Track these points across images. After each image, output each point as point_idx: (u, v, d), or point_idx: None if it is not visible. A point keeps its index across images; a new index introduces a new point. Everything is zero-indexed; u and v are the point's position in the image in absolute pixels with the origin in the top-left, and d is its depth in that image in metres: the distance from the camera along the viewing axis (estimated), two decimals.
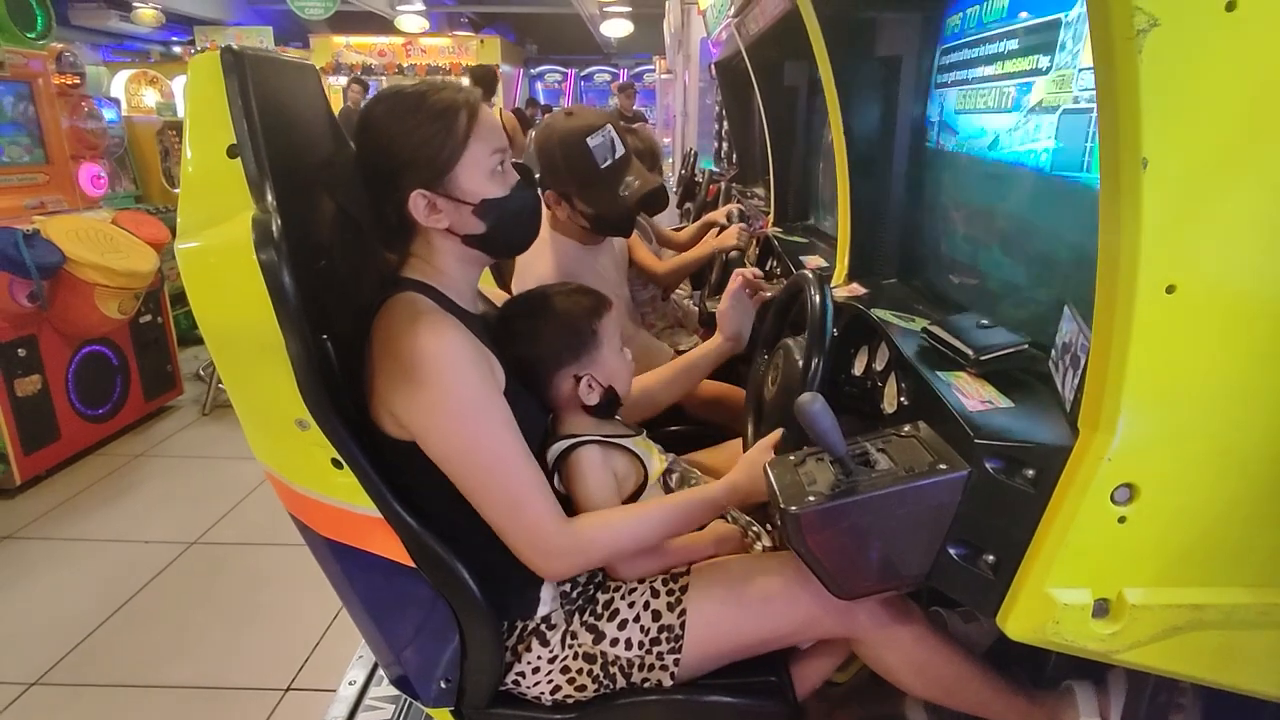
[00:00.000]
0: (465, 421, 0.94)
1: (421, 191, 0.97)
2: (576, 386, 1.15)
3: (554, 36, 14.26)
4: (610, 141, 1.62)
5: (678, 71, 6.84)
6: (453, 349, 0.93)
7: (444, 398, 0.93)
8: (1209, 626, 0.71)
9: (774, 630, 1.05)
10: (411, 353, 0.92)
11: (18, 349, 2.80)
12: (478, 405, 0.95)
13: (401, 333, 0.93)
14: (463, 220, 1.00)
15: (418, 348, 0.91)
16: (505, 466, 0.96)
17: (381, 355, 0.95)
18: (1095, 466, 0.67)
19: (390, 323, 0.96)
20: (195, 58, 0.93)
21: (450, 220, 0.99)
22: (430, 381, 0.92)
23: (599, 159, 1.60)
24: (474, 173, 0.98)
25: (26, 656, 1.97)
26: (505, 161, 1.02)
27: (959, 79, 1.30)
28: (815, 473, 0.85)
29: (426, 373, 0.91)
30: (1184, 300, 0.63)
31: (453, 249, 1.03)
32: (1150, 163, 0.59)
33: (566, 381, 1.15)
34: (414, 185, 0.96)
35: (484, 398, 0.95)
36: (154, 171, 4.62)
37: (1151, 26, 0.57)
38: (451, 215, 0.99)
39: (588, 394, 1.15)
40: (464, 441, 0.95)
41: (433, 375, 0.92)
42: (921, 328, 1.05)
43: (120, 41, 11.32)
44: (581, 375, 1.15)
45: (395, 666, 1.12)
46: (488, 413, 0.95)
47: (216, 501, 2.78)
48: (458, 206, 0.98)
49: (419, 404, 0.93)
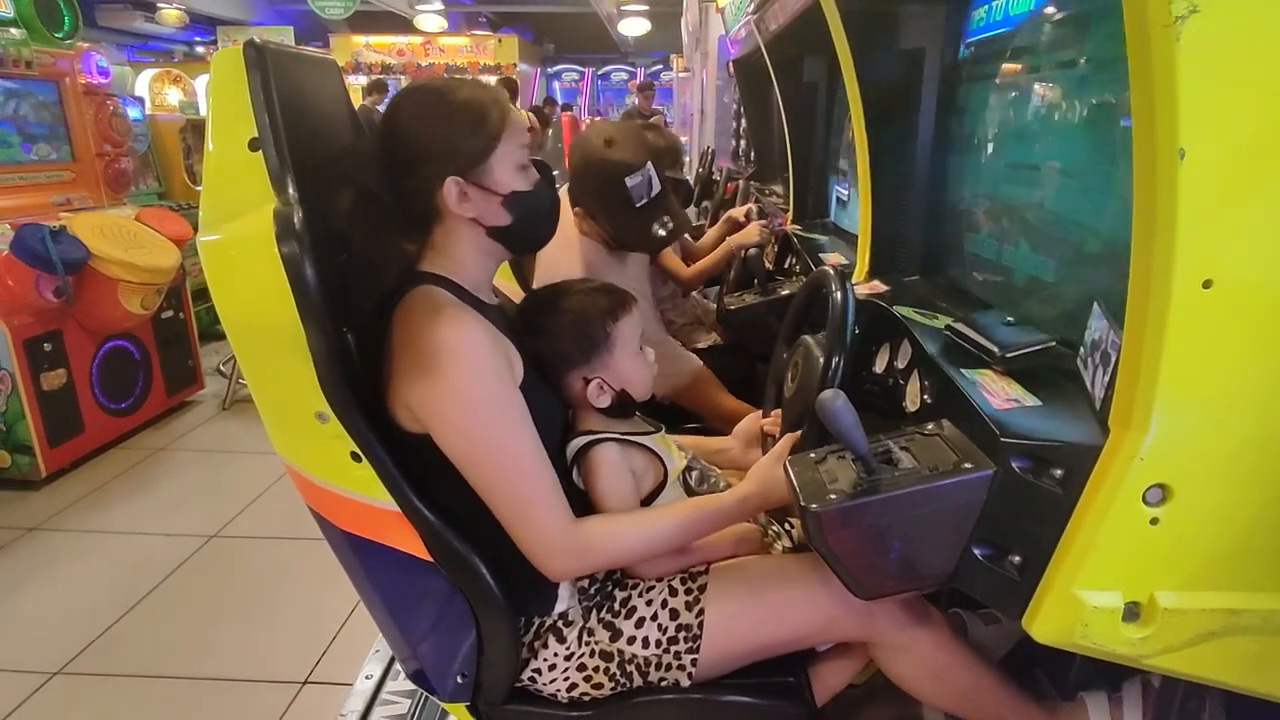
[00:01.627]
0: (479, 417, 0.94)
1: (456, 179, 0.97)
2: (586, 388, 1.13)
3: (571, 35, 14.28)
4: (648, 181, 1.61)
5: (695, 70, 6.82)
6: (471, 342, 0.93)
7: (459, 392, 0.93)
8: (1245, 632, 0.69)
9: (793, 631, 1.04)
10: (430, 345, 0.92)
11: (44, 344, 2.84)
12: (493, 401, 0.95)
13: (421, 326, 0.93)
14: (491, 211, 1.01)
15: (436, 340, 0.91)
16: (517, 464, 0.96)
17: (400, 348, 0.95)
18: (1127, 466, 0.66)
19: (410, 316, 0.96)
20: (218, 53, 0.93)
21: (478, 210, 1.00)
22: (447, 375, 0.92)
23: (635, 198, 1.60)
24: (505, 165, 1.00)
25: (50, 646, 2.00)
26: (529, 158, 1.04)
27: (984, 72, 1.28)
28: (836, 471, 0.84)
29: (444, 366, 0.91)
30: (1221, 295, 0.61)
31: (475, 240, 1.03)
32: (1187, 154, 0.58)
33: (577, 382, 1.13)
34: (448, 172, 0.97)
35: (500, 394, 0.95)
36: (177, 169, 4.68)
37: (1190, 13, 0.55)
38: (480, 205, 1.00)
39: (597, 396, 1.12)
40: (477, 436, 0.94)
41: (449, 368, 0.92)
42: (945, 325, 1.03)
43: (144, 41, 11.49)
44: (591, 378, 1.12)
45: (412, 661, 1.12)
46: (502, 409, 0.95)
47: (236, 495, 2.81)
48: (487, 197, 1.00)
49: (434, 397, 0.93)
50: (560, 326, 1.12)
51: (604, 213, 1.66)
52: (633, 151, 1.62)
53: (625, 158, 1.60)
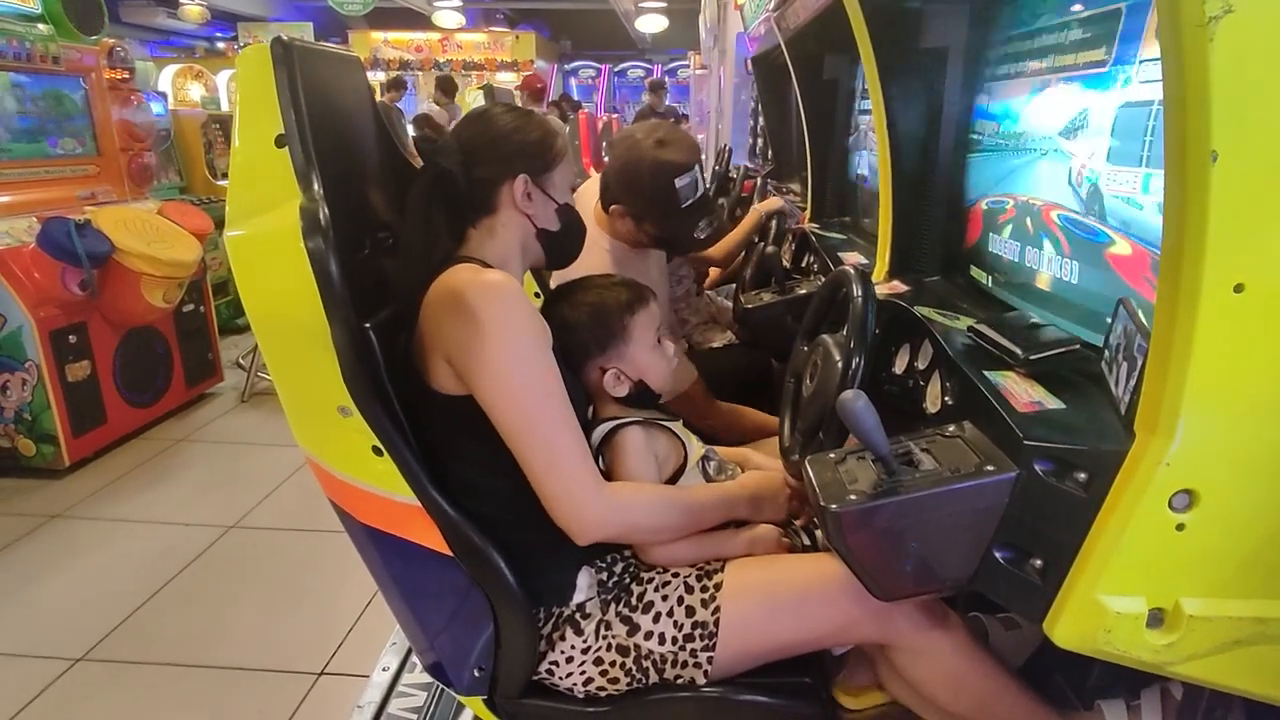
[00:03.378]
0: (521, 364, 0.98)
1: (527, 177, 1.10)
2: (603, 377, 1.16)
3: (588, 32, 14.29)
4: (695, 182, 1.64)
5: (713, 67, 6.80)
6: (513, 297, 0.99)
7: (504, 338, 0.97)
8: (1272, 640, 0.68)
9: (810, 632, 1.04)
10: (475, 297, 0.96)
11: (69, 335, 2.89)
12: (533, 352, 0.99)
13: (467, 282, 0.99)
14: (546, 214, 1.14)
15: (481, 293, 0.97)
16: (551, 416, 0.99)
17: (441, 310, 0.99)
18: (1152, 471, 0.65)
19: (453, 278, 1.01)
20: (245, 49, 0.95)
21: (536, 210, 1.12)
22: (493, 323, 0.96)
23: (682, 199, 1.63)
24: (561, 182, 1.16)
25: (73, 632, 2.03)
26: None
27: (1009, 71, 1.27)
28: (856, 471, 0.84)
29: (489, 315, 0.96)
30: (1252, 300, 0.60)
31: (521, 237, 1.13)
32: (1220, 156, 0.57)
33: (594, 372, 1.17)
34: (522, 170, 1.10)
35: (539, 347, 1.00)
36: (198, 163, 4.74)
37: (1225, 13, 0.55)
38: (539, 207, 1.13)
39: (614, 385, 1.17)
40: (517, 383, 0.98)
41: (498, 313, 0.96)
42: (968, 326, 1.03)
43: (167, 37, 11.63)
44: (608, 368, 1.16)
45: (429, 653, 1.13)
46: (541, 361, 1.00)
47: (255, 486, 2.84)
48: (546, 202, 1.13)
49: (479, 344, 0.96)
50: (579, 318, 1.17)
51: (649, 212, 1.66)
52: (684, 153, 1.64)
53: (677, 158, 1.62)
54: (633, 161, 1.63)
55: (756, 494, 1.17)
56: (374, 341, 0.97)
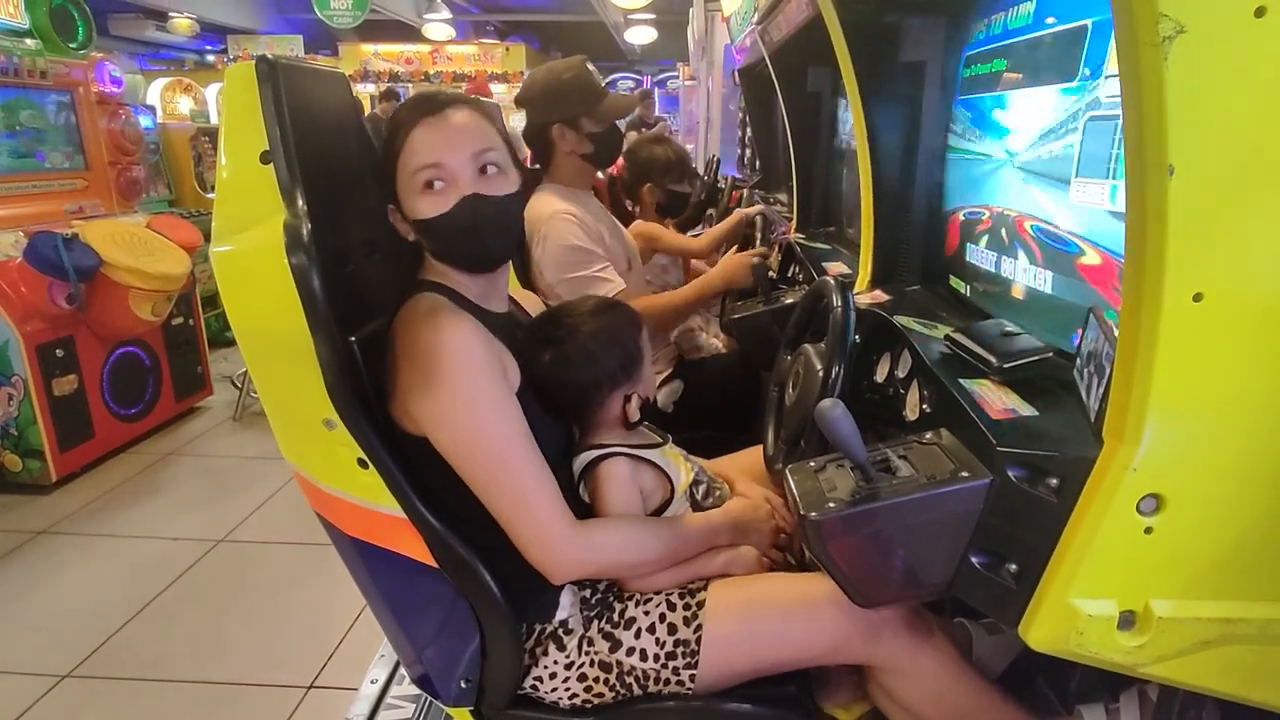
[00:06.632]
0: (473, 415, 0.96)
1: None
2: (626, 405, 1.13)
3: (578, 44, 14.33)
4: (599, 72, 1.97)
5: (701, 78, 6.84)
6: (465, 344, 0.97)
7: (454, 391, 0.95)
8: (1242, 641, 0.69)
9: (793, 652, 1.04)
10: (426, 347, 0.95)
11: (56, 349, 2.88)
12: (486, 400, 0.97)
13: (419, 328, 0.97)
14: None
15: (432, 341, 0.95)
16: (513, 463, 0.98)
17: (400, 352, 0.98)
18: (1120, 476, 0.66)
19: (409, 320, 1.00)
20: (231, 67, 0.96)
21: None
22: (442, 375, 0.94)
23: (599, 81, 1.90)
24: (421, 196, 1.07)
25: (59, 649, 2.02)
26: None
27: (984, 85, 1.30)
28: (836, 479, 0.85)
29: (439, 366, 0.94)
30: (1211, 308, 0.62)
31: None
32: (1176, 170, 0.59)
33: (617, 401, 1.13)
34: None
35: (493, 394, 0.98)
36: (187, 176, 4.73)
37: (1178, 33, 0.57)
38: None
39: (635, 411, 1.13)
40: (471, 434, 0.97)
41: (445, 368, 0.94)
42: (944, 335, 1.04)
43: (156, 50, 11.61)
44: (632, 394, 1.13)
45: (417, 665, 1.13)
46: (496, 408, 0.98)
47: (243, 500, 2.83)
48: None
49: (430, 397, 0.95)
50: (597, 349, 1.10)
51: (582, 106, 1.88)
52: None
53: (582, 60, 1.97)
54: (552, 75, 1.87)
55: (740, 521, 1.17)
56: (358, 355, 0.98)
